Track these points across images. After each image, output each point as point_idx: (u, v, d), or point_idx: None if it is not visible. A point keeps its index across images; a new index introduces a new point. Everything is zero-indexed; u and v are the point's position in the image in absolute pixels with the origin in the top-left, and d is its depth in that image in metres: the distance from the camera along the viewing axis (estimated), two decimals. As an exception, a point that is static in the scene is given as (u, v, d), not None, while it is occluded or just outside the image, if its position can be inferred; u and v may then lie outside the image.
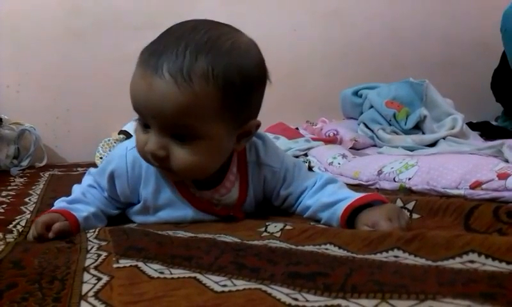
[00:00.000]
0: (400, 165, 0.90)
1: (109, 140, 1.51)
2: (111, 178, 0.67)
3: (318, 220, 0.66)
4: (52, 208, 0.65)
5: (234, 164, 0.67)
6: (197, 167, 0.59)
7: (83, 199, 0.67)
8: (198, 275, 0.40)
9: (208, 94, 0.55)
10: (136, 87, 0.57)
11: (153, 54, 0.56)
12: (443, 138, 1.24)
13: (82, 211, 0.64)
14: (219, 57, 0.55)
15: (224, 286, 0.37)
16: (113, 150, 0.72)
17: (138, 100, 0.57)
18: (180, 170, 0.58)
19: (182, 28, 0.58)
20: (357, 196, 0.62)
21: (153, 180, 0.66)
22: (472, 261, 0.38)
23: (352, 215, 0.59)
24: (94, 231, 0.59)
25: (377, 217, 0.56)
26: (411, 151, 1.15)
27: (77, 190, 0.70)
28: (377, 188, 0.90)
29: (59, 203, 0.66)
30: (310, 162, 1.16)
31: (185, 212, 0.67)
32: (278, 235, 0.56)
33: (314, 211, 0.66)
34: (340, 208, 0.61)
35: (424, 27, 2.04)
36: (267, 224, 0.60)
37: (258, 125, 0.64)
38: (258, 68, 0.60)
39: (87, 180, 0.71)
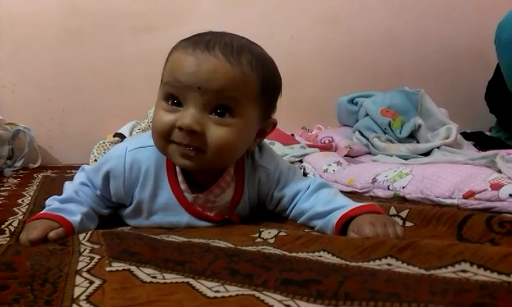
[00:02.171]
0: (395, 173, 0.90)
1: (104, 142, 1.50)
2: (106, 177, 0.66)
3: (312, 227, 0.66)
4: (45, 211, 0.64)
5: (231, 166, 0.67)
6: (231, 147, 0.61)
7: (75, 198, 0.66)
8: (191, 281, 0.40)
9: (253, 78, 0.60)
10: (183, 62, 0.59)
11: (199, 41, 0.59)
12: (438, 147, 1.25)
13: (75, 212, 0.63)
14: (258, 55, 0.62)
15: (217, 291, 0.37)
16: (112, 149, 0.71)
17: (184, 72, 0.58)
18: (215, 147, 0.59)
19: (218, 31, 0.62)
20: (353, 205, 0.62)
21: (151, 184, 0.66)
22: (464, 271, 0.38)
23: (347, 224, 0.59)
24: (86, 234, 0.59)
25: (361, 222, 0.57)
26: (406, 159, 1.15)
27: (68, 188, 0.69)
28: (371, 196, 0.91)
29: (52, 202, 0.66)
30: (304, 169, 1.16)
31: (180, 217, 0.66)
32: (271, 241, 0.56)
33: (308, 218, 0.66)
34: (335, 217, 0.61)
35: (421, 36, 2.06)
36: (261, 230, 0.60)
37: (275, 124, 0.68)
38: (280, 78, 0.67)
39: (80, 177, 0.70)
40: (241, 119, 0.60)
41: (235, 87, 0.58)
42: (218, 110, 0.59)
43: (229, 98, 0.58)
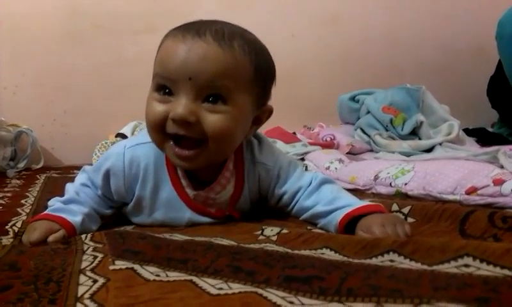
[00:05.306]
0: (397, 170, 0.90)
1: (106, 142, 1.51)
2: (107, 175, 0.66)
3: (315, 224, 0.66)
4: (47, 211, 0.64)
5: (231, 161, 0.67)
6: (228, 134, 0.59)
7: (77, 199, 0.66)
8: (194, 278, 0.40)
9: (245, 64, 0.59)
10: (173, 50, 0.58)
11: (190, 28, 0.59)
12: (440, 144, 1.24)
13: (76, 213, 0.64)
14: (250, 41, 0.61)
15: (220, 289, 0.37)
16: (111, 148, 0.72)
17: (174, 61, 0.57)
18: (214, 135, 0.58)
19: (209, 19, 0.62)
20: (357, 204, 0.61)
21: (152, 180, 0.66)
22: (466, 265, 0.38)
23: (351, 223, 0.59)
24: (89, 234, 0.59)
25: (371, 222, 0.56)
26: (408, 156, 1.15)
27: (70, 189, 0.69)
28: (373, 193, 0.91)
29: (54, 202, 0.66)
30: (306, 167, 1.16)
31: (182, 213, 0.67)
32: (274, 238, 0.56)
33: (311, 216, 0.66)
34: (338, 216, 0.61)
35: (421, 33, 2.06)
36: (263, 227, 0.60)
37: (271, 111, 0.67)
38: (273, 65, 0.66)
39: (81, 178, 0.70)
40: (234, 106, 0.59)
41: (226, 74, 0.57)
42: (210, 98, 0.58)
43: (221, 86, 0.57)
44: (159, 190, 0.66)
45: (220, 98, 0.58)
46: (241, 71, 0.59)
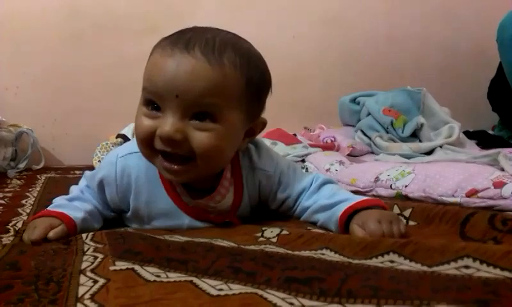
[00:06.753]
0: (397, 172, 0.90)
1: (106, 143, 1.51)
2: (101, 185, 0.66)
3: (314, 222, 0.66)
4: (50, 207, 0.64)
5: (228, 170, 0.66)
6: (216, 152, 0.58)
7: (81, 197, 0.67)
8: (195, 279, 0.40)
9: (235, 80, 0.57)
10: (160, 66, 0.56)
11: (179, 39, 0.57)
12: (440, 146, 1.24)
13: (79, 209, 0.64)
14: (243, 53, 0.59)
15: (220, 290, 0.37)
16: (106, 156, 0.71)
17: (161, 78, 0.55)
18: (202, 152, 0.56)
19: (202, 27, 0.60)
20: (357, 198, 0.62)
21: (146, 191, 0.65)
22: (466, 267, 0.38)
23: (351, 217, 0.59)
24: (90, 234, 0.59)
25: (367, 218, 0.56)
26: (408, 158, 1.15)
27: (75, 189, 0.69)
28: (373, 195, 0.91)
29: (59, 201, 0.66)
30: (307, 168, 1.16)
31: (181, 221, 0.66)
32: (274, 240, 0.56)
33: (312, 212, 0.66)
34: (339, 210, 0.60)
35: (422, 36, 2.06)
36: (263, 229, 0.60)
37: (264, 123, 0.66)
38: (268, 74, 0.64)
39: (84, 181, 0.70)
40: (223, 123, 0.57)
41: (215, 92, 0.55)
42: (199, 116, 0.56)
43: (208, 104, 0.55)
44: (155, 201, 0.65)
45: (208, 115, 0.56)
46: (231, 88, 0.56)
